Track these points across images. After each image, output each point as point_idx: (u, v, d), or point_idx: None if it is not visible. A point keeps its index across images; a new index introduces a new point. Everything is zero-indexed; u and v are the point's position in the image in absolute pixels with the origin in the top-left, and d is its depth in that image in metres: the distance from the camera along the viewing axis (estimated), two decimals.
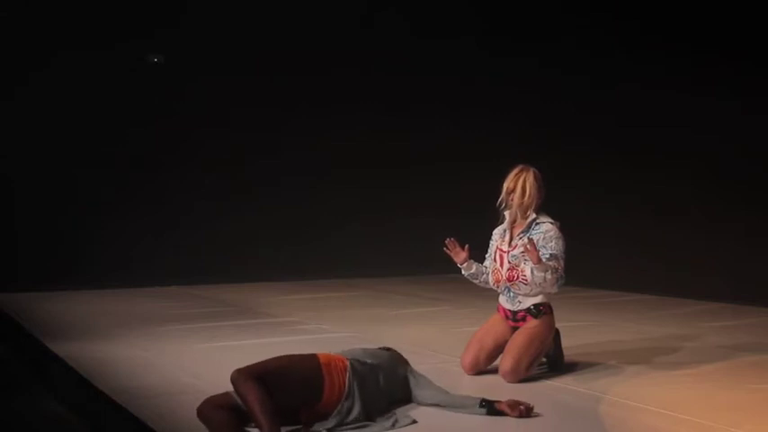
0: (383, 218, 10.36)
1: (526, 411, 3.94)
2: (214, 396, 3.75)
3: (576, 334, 5.93)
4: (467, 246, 4.92)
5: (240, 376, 3.58)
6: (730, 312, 7.52)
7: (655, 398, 4.34)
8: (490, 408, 3.95)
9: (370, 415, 3.83)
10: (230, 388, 3.66)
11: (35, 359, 5.81)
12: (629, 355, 5.50)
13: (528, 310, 4.80)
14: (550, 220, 4.81)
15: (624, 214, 9.18)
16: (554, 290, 4.74)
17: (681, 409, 4.10)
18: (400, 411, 3.97)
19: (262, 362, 3.76)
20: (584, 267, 8.64)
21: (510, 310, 4.88)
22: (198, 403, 3.71)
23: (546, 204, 4.89)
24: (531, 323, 4.79)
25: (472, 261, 4.94)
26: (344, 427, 3.74)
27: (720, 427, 3.81)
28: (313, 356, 3.89)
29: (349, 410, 3.79)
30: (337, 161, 10.36)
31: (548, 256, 4.66)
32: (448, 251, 4.93)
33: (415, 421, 3.86)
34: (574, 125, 9.75)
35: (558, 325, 5.01)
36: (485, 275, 4.96)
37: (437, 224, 7.42)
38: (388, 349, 4.32)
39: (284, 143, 10.15)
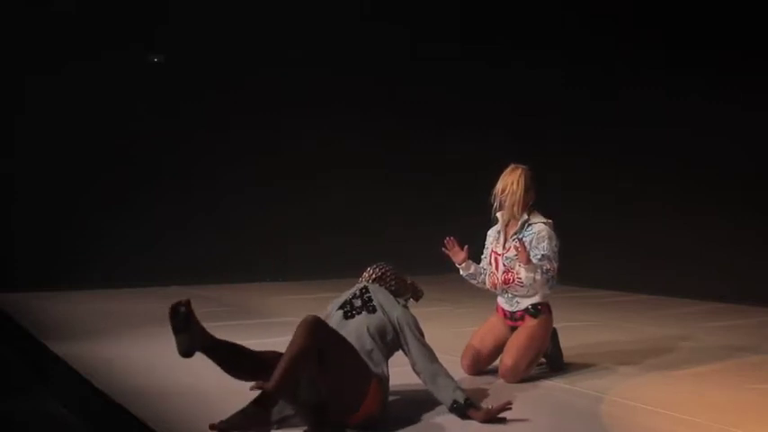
0: (383, 218, 10.35)
1: (495, 411, 3.78)
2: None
3: (576, 334, 5.93)
4: (466, 246, 4.90)
5: (309, 323, 3.66)
6: (730, 312, 7.52)
7: (655, 398, 4.34)
8: (461, 413, 3.80)
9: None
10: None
11: (35, 359, 5.82)
12: (629, 355, 5.50)
13: (526, 310, 4.80)
14: (543, 219, 4.78)
15: (624, 214, 9.17)
16: (545, 290, 4.74)
17: (681, 409, 4.10)
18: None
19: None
20: (584, 267, 8.70)
21: (508, 311, 4.88)
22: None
23: (546, 204, 4.88)
24: (530, 323, 4.79)
25: (471, 261, 4.93)
26: None
27: (720, 427, 3.81)
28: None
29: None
30: (337, 161, 10.34)
31: (539, 257, 4.66)
32: (446, 250, 4.93)
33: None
34: (574, 125, 9.75)
35: (557, 325, 5.01)
36: (483, 276, 4.95)
37: (437, 224, 7.41)
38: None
39: (284, 143, 10.14)
